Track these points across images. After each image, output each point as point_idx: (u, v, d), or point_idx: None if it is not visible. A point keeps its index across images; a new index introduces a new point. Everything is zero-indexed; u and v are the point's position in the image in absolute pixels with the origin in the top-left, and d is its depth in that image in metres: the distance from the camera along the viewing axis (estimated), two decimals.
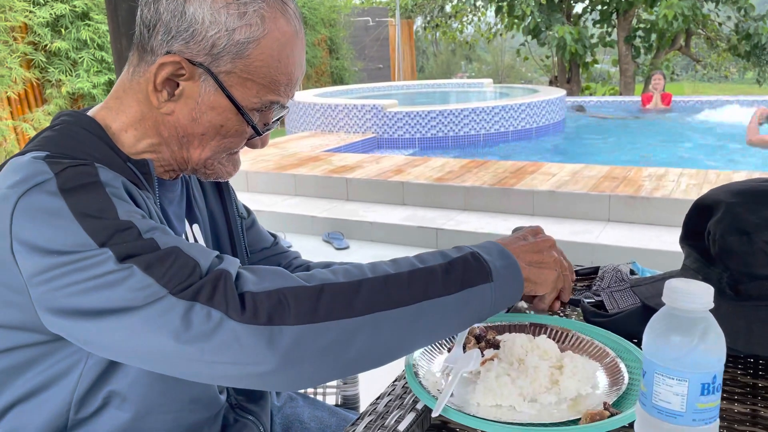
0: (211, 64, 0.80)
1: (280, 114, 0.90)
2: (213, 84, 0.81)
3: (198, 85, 0.82)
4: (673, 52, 13.50)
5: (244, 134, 0.86)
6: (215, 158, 0.88)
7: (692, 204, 1.06)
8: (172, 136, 0.85)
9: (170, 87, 0.82)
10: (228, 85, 0.81)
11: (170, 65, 0.80)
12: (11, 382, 0.80)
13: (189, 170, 0.90)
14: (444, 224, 4.53)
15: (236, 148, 0.89)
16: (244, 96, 0.82)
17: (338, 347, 0.70)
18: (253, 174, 5.71)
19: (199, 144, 0.86)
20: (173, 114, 0.83)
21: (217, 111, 0.83)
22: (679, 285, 0.62)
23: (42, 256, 0.69)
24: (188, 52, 0.80)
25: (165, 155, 0.87)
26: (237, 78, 0.81)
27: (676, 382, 0.61)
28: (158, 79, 0.81)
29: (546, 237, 0.88)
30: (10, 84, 7.15)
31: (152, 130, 0.85)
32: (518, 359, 0.90)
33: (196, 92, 0.82)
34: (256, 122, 0.85)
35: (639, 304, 1.05)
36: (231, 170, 0.92)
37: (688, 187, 4.53)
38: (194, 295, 0.68)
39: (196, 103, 0.82)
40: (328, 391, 1.37)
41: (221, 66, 0.80)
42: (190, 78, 0.81)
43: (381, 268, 0.76)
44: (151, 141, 0.86)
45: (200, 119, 0.83)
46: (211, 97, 0.82)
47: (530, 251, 0.84)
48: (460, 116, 7.46)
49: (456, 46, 20.90)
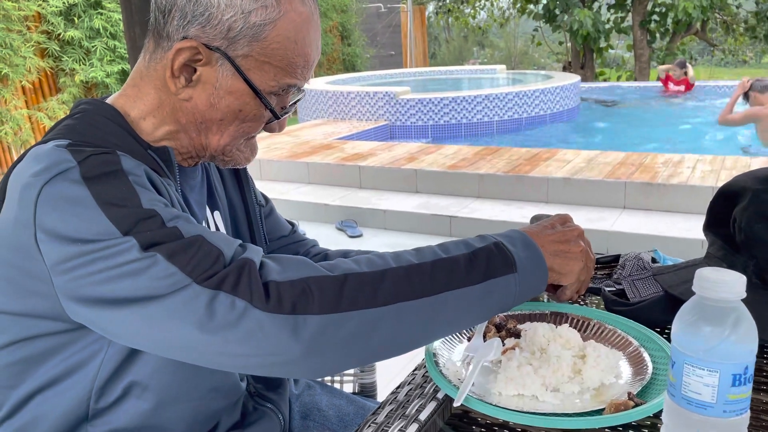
0: (227, 48, 0.79)
1: (297, 97, 0.90)
2: (230, 68, 0.80)
3: (215, 69, 0.81)
4: (689, 37, 13.30)
5: (262, 118, 0.86)
6: (234, 144, 0.87)
7: (717, 191, 1.04)
8: (190, 123, 0.85)
9: (188, 73, 0.81)
10: (245, 69, 0.81)
11: (187, 50, 0.79)
12: (33, 370, 0.80)
13: (207, 157, 0.90)
14: (458, 212, 4.51)
15: (254, 132, 0.88)
16: (261, 79, 0.82)
17: (361, 337, 0.70)
18: (267, 162, 5.71)
19: (218, 130, 0.85)
20: (191, 100, 0.83)
21: (235, 95, 0.82)
22: (710, 274, 0.60)
23: (66, 244, 0.69)
24: (204, 37, 0.79)
25: (183, 142, 0.87)
26: (254, 61, 0.80)
27: (707, 373, 0.60)
28: (175, 65, 0.80)
29: (574, 226, 0.86)
30: (25, 73, 7.17)
31: (170, 117, 0.85)
32: (540, 348, 0.89)
33: (213, 77, 0.81)
34: (273, 106, 0.84)
35: (661, 292, 1.04)
36: (249, 156, 0.91)
37: (705, 174, 4.47)
38: (219, 284, 0.68)
39: (213, 88, 0.82)
40: (345, 379, 1.37)
41: (238, 50, 0.80)
42: (207, 63, 0.80)
43: (404, 257, 0.75)
44: (169, 128, 0.85)
45: (218, 104, 0.83)
46: (229, 82, 0.81)
47: (556, 241, 0.82)
48: (473, 103, 7.41)
49: (468, 32, 20.73)
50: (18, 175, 0.74)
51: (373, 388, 1.36)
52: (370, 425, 0.80)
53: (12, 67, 6.92)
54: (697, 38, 13.63)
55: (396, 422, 0.79)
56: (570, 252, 0.82)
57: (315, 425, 1.12)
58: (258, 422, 0.97)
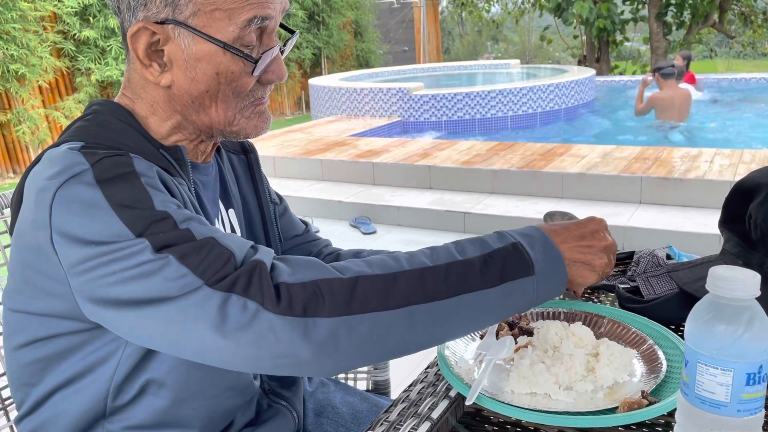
0: (175, 15, 0.78)
1: (287, 39, 0.86)
2: (188, 33, 0.79)
3: (177, 42, 0.80)
4: (707, 29, 13.13)
5: (244, 72, 0.82)
6: (235, 110, 0.85)
7: (732, 186, 1.03)
8: (185, 107, 0.84)
9: (157, 57, 0.81)
10: (200, 27, 0.78)
11: (142, 33, 0.79)
12: (53, 369, 0.82)
13: (217, 135, 0.88)
14: (472, 208, 4.50)
15: (246, 89, 0.84)
16: (219, 30, 0.79)
17: (373, 339, 0.69)
18: (280, 159, 5.74)
19: (211, 102, 0.83)
20: (174, 83, 0.82)
21: (206, 59, 0.80)
22: (724, 272, 0.60)
23: (81, 246, 0.70)
24: (151, 15, 0.79)
25: (190, 130, 0.87)
26: (204, 16, 0.78)
27: (721, 372, 0.59)
28: (140, 53, 0.80)
29: (603, 236, 0.82)
30: (41, 73, 7.26)
31: (168, 110, 0.85)
32: (553, 346, 0.89)
33: (179, 50, 0.80)
34: (250, 52, 0.81)
35: (676, 289, 1.03)
36: (259, 124, 0.88)
37: (723, 168, 4.42)
38: (230, 286, 0.68)
39: (185, 62, 0.80)
40: (359, 376, 1.38)
41: (184, 11, 0.78)
42: (167, 39, 0.80)
43: (418, 259, 0.74)
44: (171, 123, 0.86)
45: (197, 76, 0.81)
46: (194, 48, 0.80)
47: (580, 251, 0.79)
48: (486, 98, 7.38)
49: (482, 26, 20.61)
50: (34, 177, 0.76)
51: (387, 386, 1.37)
52: (382, 423, 0.80)
53: (29, 67, 7.00)
54: (714, 30, 13.44)
55: (408, 420, 0.80)
56: (591, 264, 0.79)
57: (329, 422, 1.13)
58: (272, 419, 0.98)
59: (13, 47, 6.82)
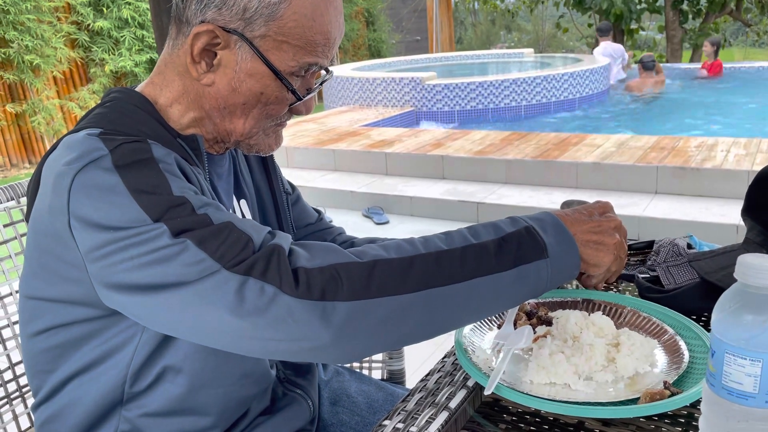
0: (245, 30, 0.79)
1: (324, 78, 0.89)
2: (249, 50, 0.80)
3: (234, 52, 0.80)
4: (723, 17, 12.93)
5: (284, 101, 0.85)
6: (259, 127, 0.87)
7: (756, 175, 1.01)
8: (213, 108, 0.84)
9: (208, 57, 0.81)
10: (264, 50, 0.80)
11: (205, 35, 0.79)
12: (70, 355, 0.82)
13: (232, 143, 0.90)
14: (485, 198, 4.48)
15: (278, 114, 0.87)
16: (280, 60, 0.80)
17: (391, 323, 0.69)
18: (293, 149, 5.73)
19: (242, 114, 0.85)
20: (213, 85, 0.83)
21: (256, 78, 0.81)
22: (753, 261, 0.58)
23: (98, 231, 0.70)
24: (221, 20, 0.79)
25: (208, 128, 0.87)
26: (272, 42, 0.79)
27: (749, 363, 0.58)
28: (195, 51, 0.80)
29: (612, 217, 0.83)
30: (56, 63, 7.30)
31: (195, 103, 0.85)
32: (573, 336, 0.87)
33: (233, 60, 0.81)
34: (296, 87, 0.84)
35: (697, 279, 1.01)
36: (272, 144, 0.91)
37: (740, 158, 4.36)
38: (248, 269, 0.68)
39: (234, 71, 0.81)
40: (374, 365, 1.37)
41: (255, 30, 0.79)
42: (226, 46, 0.80)
43: (434, 243, 0.74)
44: (194, 115, 0.85)
45: (240, 88, 0.82)
46: (249, 64, 0.81)
47: (590, 231, 0.79)
48: (500, 87, 7.32)
49: (496, 15, 20.46)
50: (52, 163, 0.75)
51: (402, 375, 1.36)
52: (399, 412, 0.79)
53: (43, 58, 7.04)
54: (731, 18, 13.23)
55: (426, 410, 0.79)
56: (603, 243, 0.79)
57: (344, 411, 1.13)
58: (288, 408, 0.98)
59: (27, 38, 6.85)
